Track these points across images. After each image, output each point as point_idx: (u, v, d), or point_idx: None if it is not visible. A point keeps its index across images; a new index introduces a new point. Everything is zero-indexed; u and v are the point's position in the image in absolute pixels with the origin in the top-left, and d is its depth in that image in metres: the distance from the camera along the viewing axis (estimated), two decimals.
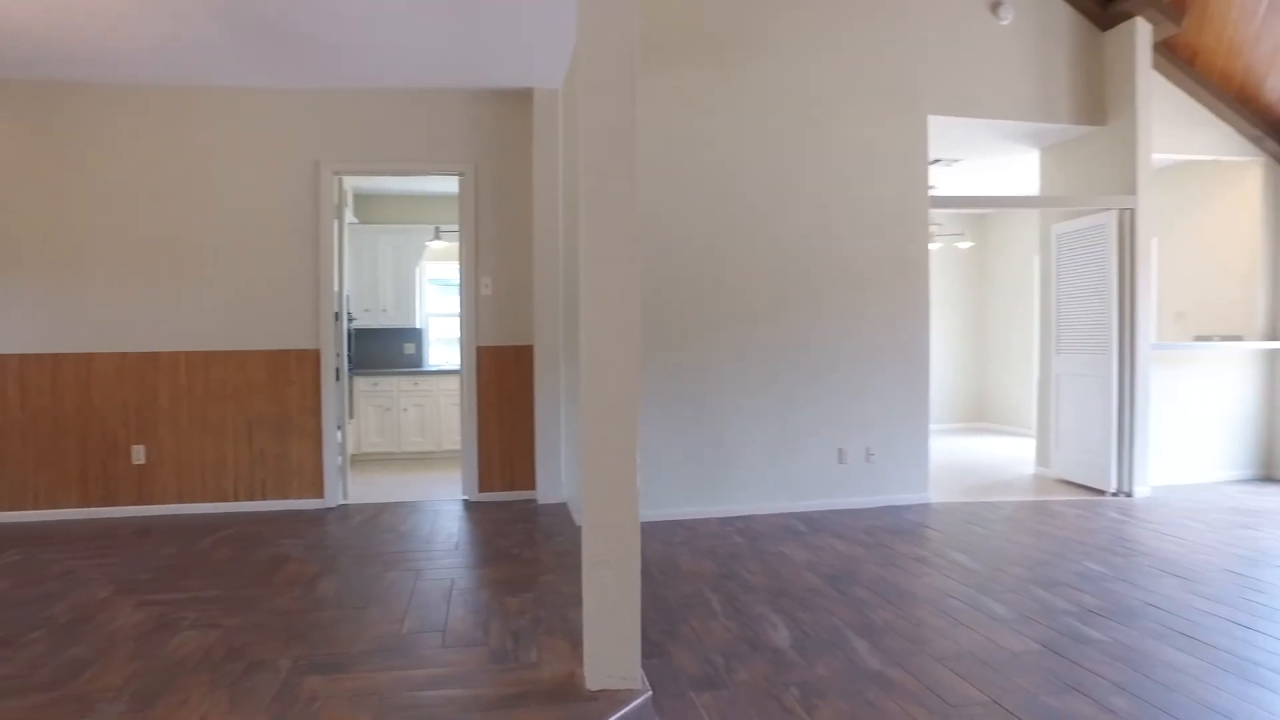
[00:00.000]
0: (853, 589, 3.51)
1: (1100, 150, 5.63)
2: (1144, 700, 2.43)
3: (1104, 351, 5.50)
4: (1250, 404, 6.07)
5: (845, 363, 5.09)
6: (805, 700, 2.43)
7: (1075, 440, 5.81)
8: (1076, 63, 5.52)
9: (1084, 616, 3.15)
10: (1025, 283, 8.71)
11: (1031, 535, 4.43)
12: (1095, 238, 5.55)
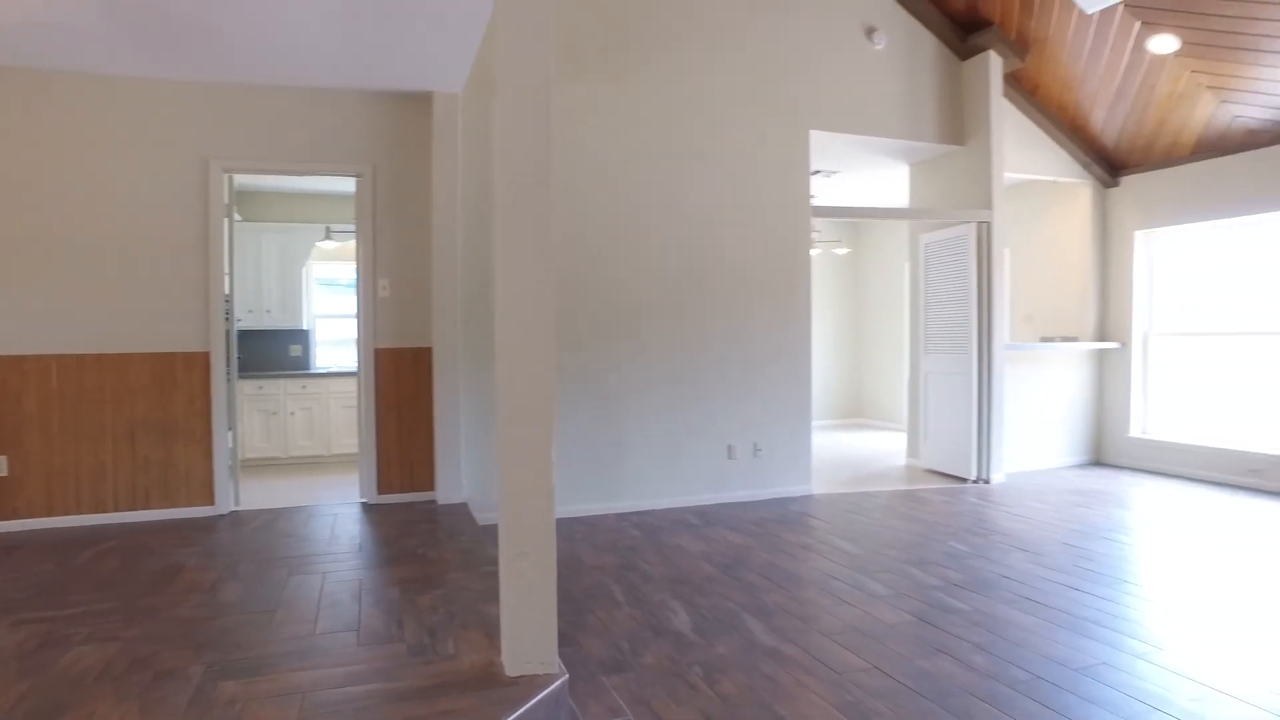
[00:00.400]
0: (745, 575, 3.76)
1: (961, 168, 6.18)
2: (998, 657, 2.77)
3: (965, 351, 6.03)
4: (1083, 397, 6.80)
5: (734, 363, 5.38)
6: (708, 677, 2.64)
7: (941, 433, 6.34)
8: (940, 88, 6.04)
9: (949, 590, 3.51)
10: (896, 287, 9.36)
11: (904, 520, 4.84)
12: (957, 247, 6.09)
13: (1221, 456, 5.92)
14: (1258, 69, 5.09)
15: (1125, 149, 6.38)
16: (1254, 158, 5.69)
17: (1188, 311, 6.41)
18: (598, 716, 2.36)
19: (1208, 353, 6.25)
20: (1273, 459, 5.60)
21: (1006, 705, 2.42)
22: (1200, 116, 5.70)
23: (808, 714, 2.37)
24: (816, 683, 2.59)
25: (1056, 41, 5.67)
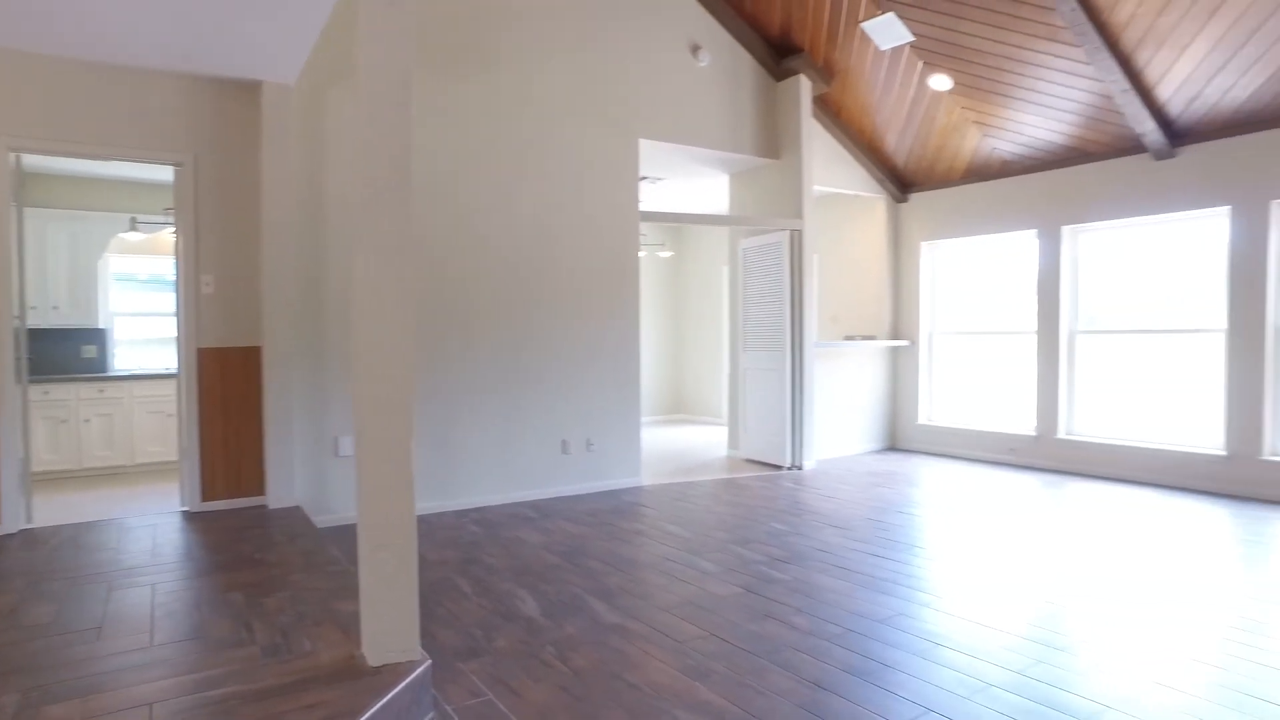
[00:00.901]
0: (586, 562, 3.96)
1: (776, 179, 6.73)
2: (815, 616, 3.15)
3: (780, 349, 6.58)
4: (880, 390, 7.62)
5: (567, 361, 5.56)
6: (561, 655, 2.81)
7: (759, 425, 6.87)
8: (758, 106, 6.56)
9: (771, 564, 3.90)
10: (715, 289, 9.95)
11: (728, 506, 5.24)
12: (773, 253, 6.63)
13: (988, 438, 6.87)
14: (1009, 110, 5.98)
15: (913, 170, 7.22)
16: (1008, 184, 6.65)
17: (963, 313, 7.36)
18: (459, 699, 2.46)
19: (978, 349, 7.22)
20: (1025, 438, 6.58)
21: (824, 655, 2.77)
22: (969, 146, 6.58)
23: (655, 679, 2.60)
24: (660, 651, 2.83)
25: (857, 71, 6.34)
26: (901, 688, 2.52)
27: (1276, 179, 5.17)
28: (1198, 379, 5.71)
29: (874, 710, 2.37)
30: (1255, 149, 5.25)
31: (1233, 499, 5.26)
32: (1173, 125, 5.51)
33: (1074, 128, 5.89)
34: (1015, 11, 5.14)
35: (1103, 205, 6.04)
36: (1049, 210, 6.38)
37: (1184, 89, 5.20)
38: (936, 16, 5.47)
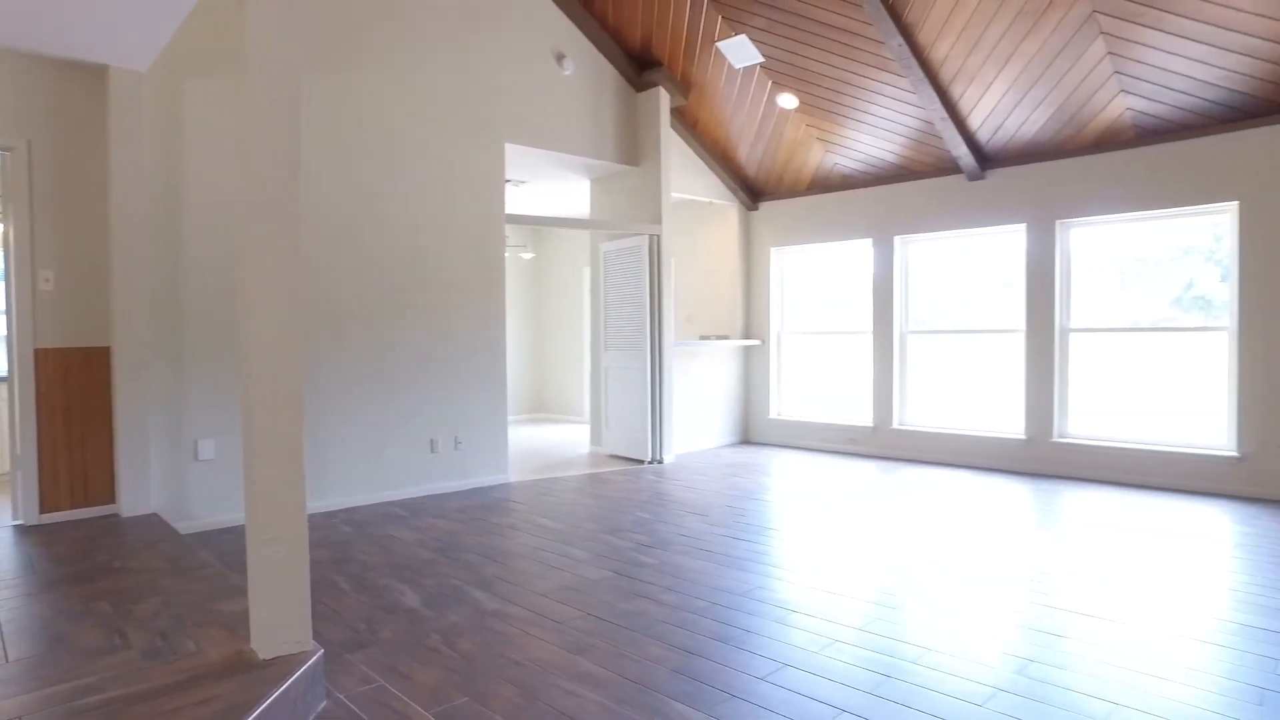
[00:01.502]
0: (462, 555, 4.06)
1: (636, 186, 7.03)
2: (683, 593, 3.43)
3: (640, 348, 6.88)
4: (734, 387, 8.10)
5: (435, 360, 5.60)
6: (447, 640, 2.92)
7: (621, 422, 7.14)
8: (619, 115, 6.83)
9: (640, 549, 4.15)
10: (576, 290, 10.16)
11: (594, 499, 5.46)
12: (633, 256, 6.92)
13: (831, 430, 7.48)
14: (848, 129, 6.57)
15: (762, 180, 7.74)
16: (847, 196, 7.28)
17: (809, 314, 7.96)
18: (351, 687, 2.54)
19: (822, 348, 7.84)
20: (863, 429, 7.23)
21: (693, 626, 3.05)
22: (813, 161, 7.15)
23: (539, 656, 2.78)
24: (542, 632, 3.00)
25: (712, 86, 6.75)
26: (761, 649, 2.83)
27: (1060, 202, 6.00)
28: (1004, 373, 6.51)
29: (738, 668, 2.66)
30: (1044, 176, 6.07)
31: (1032, 476, 6.06)
32: (982, 151, 6.27)
33: (903, 148, 6.56)
34: (852, 42, 5.68)
35: (928, 218, 6.76)
36: (883, 221, 7.05)
37: (989, 120, 5.93)
38: (785, 41, 5.95)
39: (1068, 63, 5.22)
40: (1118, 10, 4.77)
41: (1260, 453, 5.21)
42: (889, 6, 5.24)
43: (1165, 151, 5.52)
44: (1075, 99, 5.48)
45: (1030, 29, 5.10)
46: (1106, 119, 5.55)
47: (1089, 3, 4.80)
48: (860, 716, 2.33)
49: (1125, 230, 5.92)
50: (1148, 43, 4.88)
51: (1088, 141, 5.80)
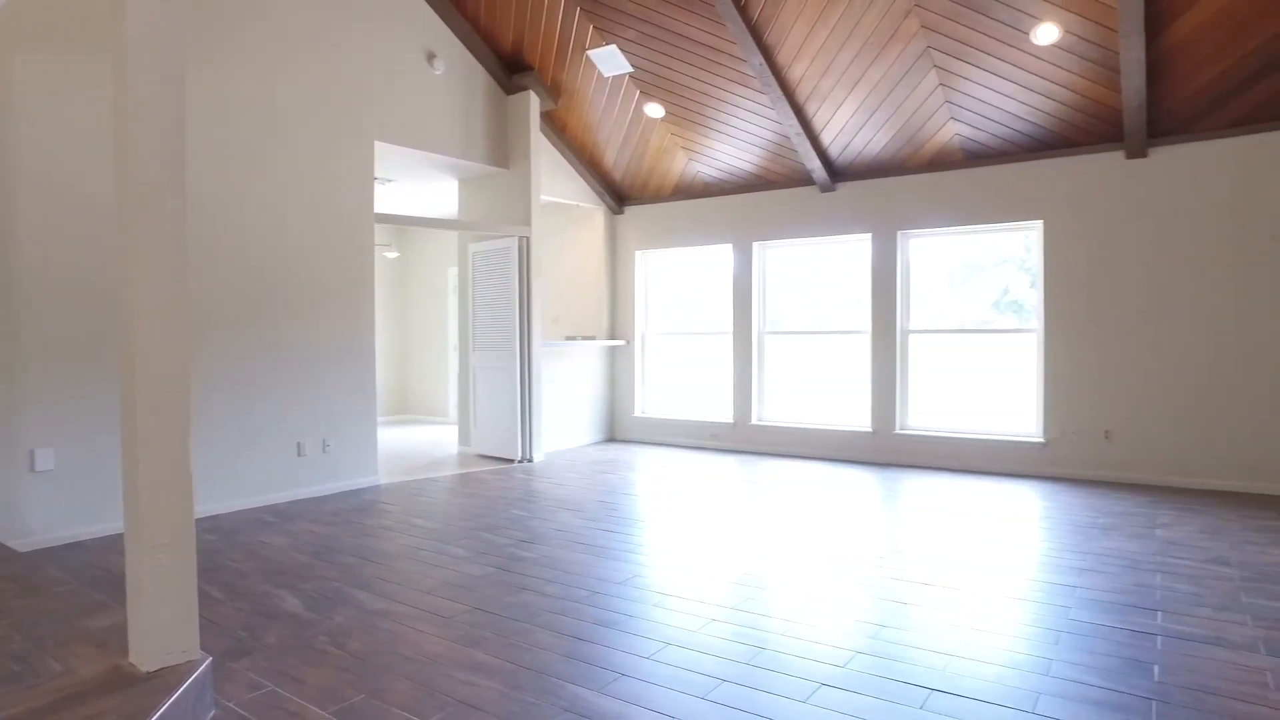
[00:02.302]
0: (339, 558, 4.02)
1: (505, 187, 7.08)
2: (564, 585, 3.57)
3: (509, 349, 6.94)
4: (600, 386, 8.30)
5: (302, 361, 5.44)
6: (336, 641, 2.93)
7: (490, 422, 7.17)
8: (490, 116, 6.85)
9: (518, 545, 4.26)
10: (441, 290, 10.04)
11: (467, 498, 5.49)
12: (502, 257, 6.96)
13: (694, 426, 7.83)
14: (711, 139, 6.92)
15: (628, 185, 7.98)
16: (709, 203, 7.65)
17: (672, 315, 8.28)
18: (239, 694, 2.51)
19: (685, 347, 8.18)
20: (724, 425, 7.62)
21: (578, 614, 3.20)
22: (677, 168, 7.47)
23: (431, 651, 2.84)
24: (431, 627, 3.06)
25: (582, 93, 6.90)
26: (644, 631, 3.02)
27: (900, 214, 6.61)
28: (853, 371, 7.07)
29: (625, 650, 2.84)
30: (886, 190, 6.66)
31: (878, 465, 6.63)
32: (833, 165, 6.78)
33: (762, 159, 6.98)
34: (717, 59, 6.01)
35: (784, 226, 7.22)
36: (742, 227, 7.46)
37: (839, 138, 6.44)
38: (653, 54, 6.19)
39: (907, 90, 5.77)
40: (948, 48, 5.34)
41: (1060, 439, 5.97)
42: (751, 28, 5.60)
43: (987, 173, 6.20)
44: (913, 123, 6.05)
45: (875, 58, 5.60)
46: (939, 142, 6.17)
47: (924, 39, 5.34)
48: (739, 684, 2.56)
49: (954, 241, 6.60)
50: (971, 78, 5.49)
51: (924, 161, 6.42)
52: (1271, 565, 3.76)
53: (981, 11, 5.03)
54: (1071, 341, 5.93)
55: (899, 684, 2.55)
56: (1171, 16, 4.74)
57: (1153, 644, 2.84)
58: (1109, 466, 5.81)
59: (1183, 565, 3.76)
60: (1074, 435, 5.94)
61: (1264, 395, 5.29)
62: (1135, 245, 5.68)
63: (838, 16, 5.39)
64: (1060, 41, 5.06)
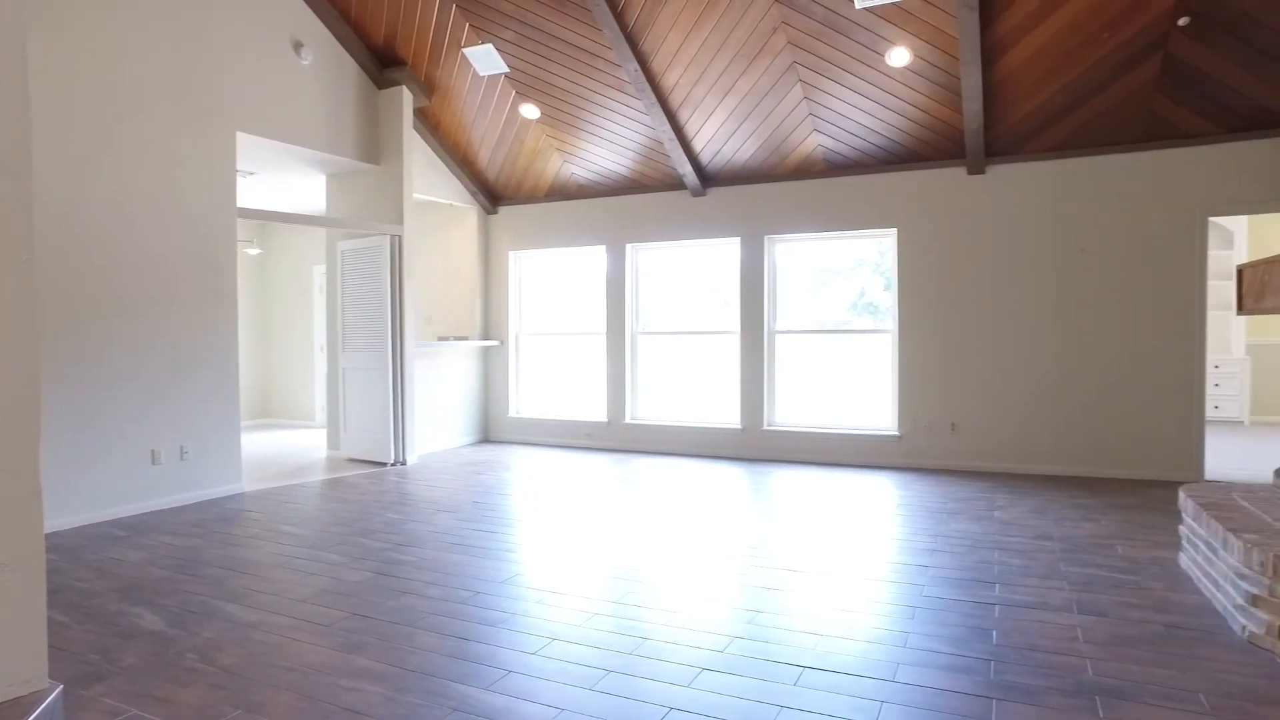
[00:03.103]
0: (204, 570, 3.82)
1: (376, 184, 6.88)
2: (446, 586, 3.55)
3: (381, 350, 6.76)
4: (474, 387, 8.22)
5: (156, 364, 5.10)
6: (205, 657, 2.80)
7: (361, 424, 6.96)
8: (360, 111, 6.64)
9: (396, 548, 4.18)
10: (306, 289, 9.61)
11: (340, 502, 5.33)
12: (373, 256, 6.77)
13: (569, 426, 7.89)
14: (586, 142, 7.01)
15: (502, 185, 7.94)
16: (583, 204, 7.74)
17: (546, 315, 8.31)
18: None
19: (559, 347, 8.23)
20: (598, 424, 7.73)
21: (461, 615, 3.20)
22: (551, 169, 7.50)
23: (311, 660, 2.77)
24: (309, 636, 2.98)
25: (456, 91, 6.82)
26: (529, 628, 3.06)
27: (767, 219, 6.93)
28: (723, 370, 7.34)
29: (510, 647, 2.88)
30: (754, 196, 6.97)
31: (747, 460, 6.92)
32: (704, 171, 7.02)
33: (635, 163, 7.12)
34: (593, 63, 6.09)
35: (657, 228, 7.40)
36: (616, 229, 7.59)
37: (710, 145, 6.68)
38: (530, 55, 6.21)
39: (774, 102, 6.07)
40: (812, 64, 5.66)
41: (913, 432, 6.46)
42: (627, 35, 5.72)
43: (847, 183, 6.61)
44: (779, 133, 6.37)
45: (745, 70, 5.85)
46: (803, 152, 6.52)
47: (790, 55, 5.64)
48: (624, 674, 2.65)
49: (817, 246, 6.99)
50: (833, 93, 5.85)
51: (789, 169, 6.76)
52: (1083, 537, 4.24)
53: (842, 32, 5.36)
54: (922, 341, 6.42)
55: (774, 664, 2.72)
56: (1003, 50, 5.24)
57: (992, 612, 3.16)
58: (956, 456, 6.33)
59: (1015, 542, 4.18)
60: (925, 428, 6.43)
61: (1078, 390, 5.93)
62: (977, 253, 6.22)
63: (710, 28, 5.60)
64: (911, 65, 5.48)
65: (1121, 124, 5.62)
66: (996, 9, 4.98)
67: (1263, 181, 5.47)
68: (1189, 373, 5.67)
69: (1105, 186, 5.85)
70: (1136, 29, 4.99)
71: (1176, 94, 5.34)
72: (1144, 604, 3.26)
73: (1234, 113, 5.37)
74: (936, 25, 5.16)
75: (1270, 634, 2.84)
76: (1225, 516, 3.36)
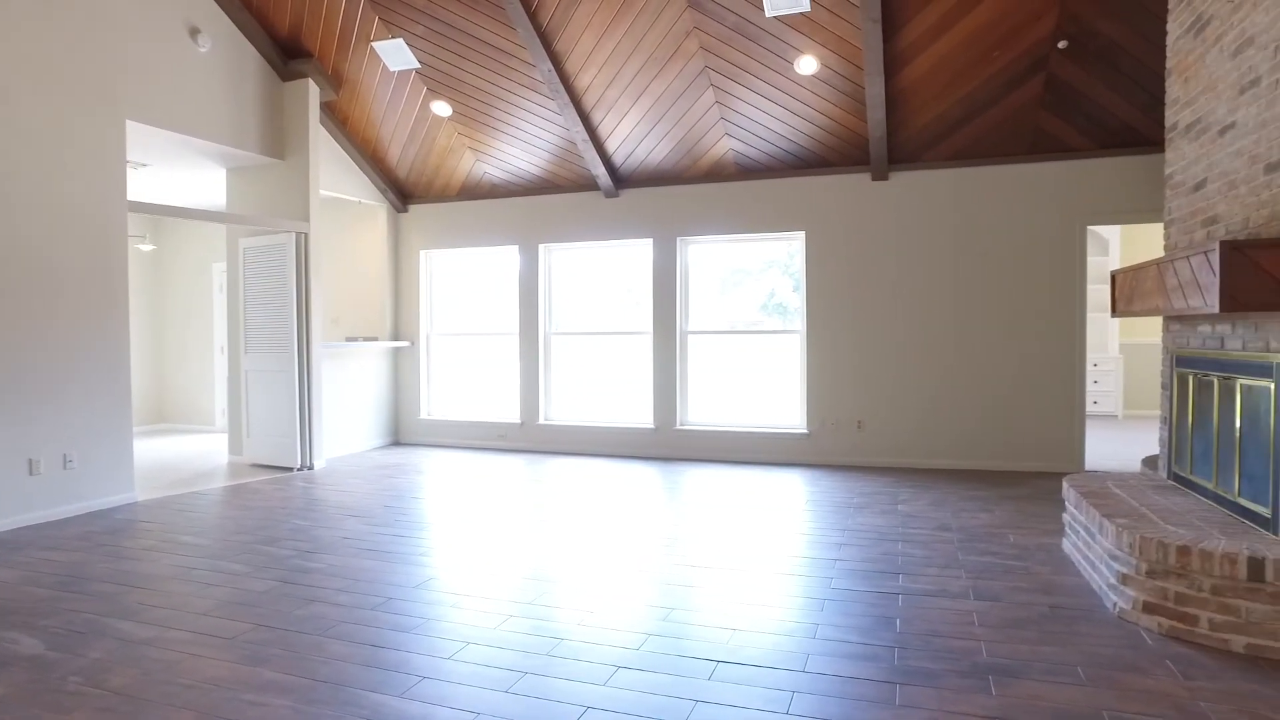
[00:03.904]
0: (92, 587, 3.61)
1: (281, 179, 6.64)
2: (357, 593, 3.47)
3: (286, 350, 6.52)
4: (384, 389, 8.02)
5: (37, 367, 4.78)
6: (92, 680, 2.65)
7: (265, 428, 6.70)
8: (263, 102, 6.39)
9: (303, 556, 4.05)
10: (205, 288, 9.17)
11: (243, 510, 5.12)
12: (278, 253, 6.53)
13: (481, 428, 7.80)
14: (498, 141, 6.95)
15: (413, 183, 7.78)
16: (496, 204, 7.66)
17: (458, 316, 8.19)
18: None
19: (471, 348, 8.12)
20: (512, 426, 7.67)
21: (373, 621, 3.13)
22: (463, 168, 7.40)
23: (212, 675, 2.66)
24: (211, 651, 2.86)
25: (366, 85, 6.64)
26: (443, 633, 3.03)
27: (679, 221, 7.02)
28: (636, 370, 7.40)
29: (424, 653, 2.83)
30: (666, 198, 7.05)
31: (661, 460, 7.00)
32: (617, 172, 7.06)
33: (549, 163, 7.10)
34: (507, 62, 6.05)
35: (570, 229, 7.39)
36: (528, 229, 7.54)
37: (624, 146, 6.72)
38: (442, 51, 6.10)
39: (687, 104, 6.16)
40: (723, 69, 5.78)
41: (821, 430, 6.67)
42: (541, 34, 5.70)
43: (757, 186, 6.77)
44: (692, 135, 6.47)
45: (658, 73, 5.92)
46: (715, 155, 6.64)
47: (703, 59, 5.74)
48: (540, 675, 2.66)
49: (728, 247, 7.13)
50: (744, 98, 5.98)
51: (701, 172, 6.87)
52: (979, 527, 4.48)
53: (752, 39, 5.49)
54: (830, 341, 6.63)
55: (689, 659, 2.77)
56: (905, 61, 5.48)
57: (896, 602, 3.31)
58: (862, 453, 6.57)
59: (917, 534, 4.38)
60: (832, 426, 6.65)
61: (974, 388, 6.26)
62: (881, 257, 6.47)
63: (624, 31, 5.64)
64: (819, 73, 5.66)
65: (1011, 137, 5.96)
66: (898, 22, 5.20)
67: (1132, 194, 5.89)
68: (1071, 371, 6.06)
69: (997, 195, 6.18)
70: (1022, 49, 5.30)
71: (1059, 111, 5.69)
72: (1032, 587, 3.48)
73: (1107, 130, 5.77)
74: (842, 36, 5.35)
75: (1136, 609, 3.08)
76: (1101, 503, 3.61)
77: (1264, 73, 3.25)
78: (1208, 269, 3.00)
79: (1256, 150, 3.28)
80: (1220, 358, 3.53)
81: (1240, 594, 2.84)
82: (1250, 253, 2.84)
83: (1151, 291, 3.70)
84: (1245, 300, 2.82)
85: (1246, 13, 3.41)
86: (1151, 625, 3.02)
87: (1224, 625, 2.87)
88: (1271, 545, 2.92)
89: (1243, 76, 3.43)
